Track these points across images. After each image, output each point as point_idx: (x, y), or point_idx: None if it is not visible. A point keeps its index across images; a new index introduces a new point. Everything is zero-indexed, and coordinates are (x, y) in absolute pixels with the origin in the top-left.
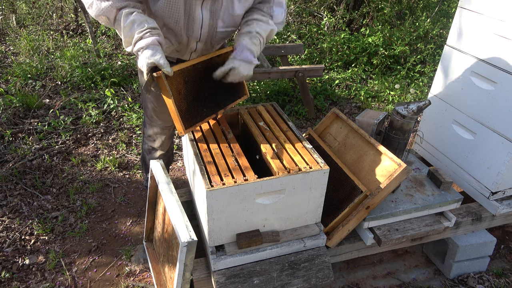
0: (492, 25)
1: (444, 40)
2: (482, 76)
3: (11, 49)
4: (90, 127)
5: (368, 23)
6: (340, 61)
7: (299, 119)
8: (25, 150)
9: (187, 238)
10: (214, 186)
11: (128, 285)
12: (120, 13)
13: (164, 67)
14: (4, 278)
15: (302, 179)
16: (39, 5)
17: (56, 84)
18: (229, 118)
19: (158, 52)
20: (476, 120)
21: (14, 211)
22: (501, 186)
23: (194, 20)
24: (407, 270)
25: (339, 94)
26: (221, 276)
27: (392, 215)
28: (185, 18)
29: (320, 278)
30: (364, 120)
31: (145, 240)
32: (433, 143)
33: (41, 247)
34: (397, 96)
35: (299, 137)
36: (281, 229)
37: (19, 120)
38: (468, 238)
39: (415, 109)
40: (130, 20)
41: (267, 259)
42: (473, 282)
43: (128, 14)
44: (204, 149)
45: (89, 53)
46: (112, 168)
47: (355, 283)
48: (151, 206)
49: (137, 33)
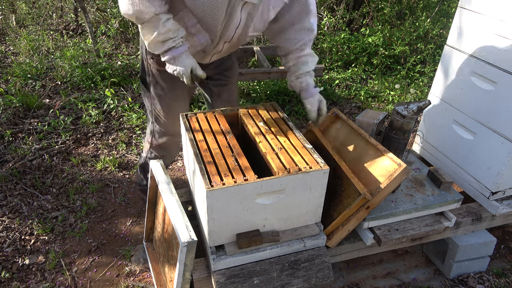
0: (492, 25)
1: (444, 40)
2: (482, 76)
3: (11, 49)
4: (90, 127)
5: (368, 23)
6: (340, 61)
7: (299, 119)
8: (25, 150)
9: (187, 238)
10: (214, 186)
11: (128, 285)
12: (157, 18)
13: (199, 71)
14: (4, 278)
15: (302, 179)
16: (39, 5)
17: (56, 84)
18: (229, 118)
19: (192, 59)
20: (476, 120)
21: (14, 211)
22: (501, 186)
23: (232, 21)
24: (407, 270)
25: (339, 94)
26: (221, 276)
27: (392, 215)
28: (225, 17)
29: (320, 278)
30: (364, 120)
31: (145, 240)
32: (433, 143)
33: (41, 247)
34: (397, 96)
35: (299, 137)
36: (281, 229)
37: (19, 120)
38: (468, 238)
39: (415, 109)
40: (167, 28)
41: (267, 259)
42: (473, 282)
43: (165, 21)
44: (204, 149)
45: (89, 53)
46: (112, 168)
47: (355, 283)
48: (151, 206)
49: (172, 41)
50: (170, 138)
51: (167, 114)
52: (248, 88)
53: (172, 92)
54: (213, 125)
